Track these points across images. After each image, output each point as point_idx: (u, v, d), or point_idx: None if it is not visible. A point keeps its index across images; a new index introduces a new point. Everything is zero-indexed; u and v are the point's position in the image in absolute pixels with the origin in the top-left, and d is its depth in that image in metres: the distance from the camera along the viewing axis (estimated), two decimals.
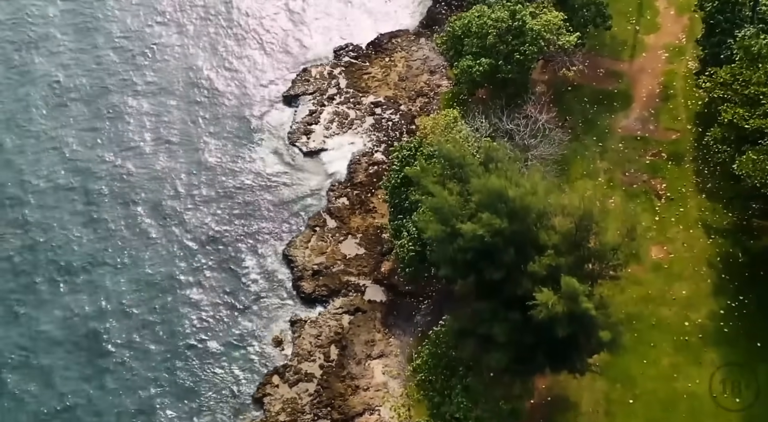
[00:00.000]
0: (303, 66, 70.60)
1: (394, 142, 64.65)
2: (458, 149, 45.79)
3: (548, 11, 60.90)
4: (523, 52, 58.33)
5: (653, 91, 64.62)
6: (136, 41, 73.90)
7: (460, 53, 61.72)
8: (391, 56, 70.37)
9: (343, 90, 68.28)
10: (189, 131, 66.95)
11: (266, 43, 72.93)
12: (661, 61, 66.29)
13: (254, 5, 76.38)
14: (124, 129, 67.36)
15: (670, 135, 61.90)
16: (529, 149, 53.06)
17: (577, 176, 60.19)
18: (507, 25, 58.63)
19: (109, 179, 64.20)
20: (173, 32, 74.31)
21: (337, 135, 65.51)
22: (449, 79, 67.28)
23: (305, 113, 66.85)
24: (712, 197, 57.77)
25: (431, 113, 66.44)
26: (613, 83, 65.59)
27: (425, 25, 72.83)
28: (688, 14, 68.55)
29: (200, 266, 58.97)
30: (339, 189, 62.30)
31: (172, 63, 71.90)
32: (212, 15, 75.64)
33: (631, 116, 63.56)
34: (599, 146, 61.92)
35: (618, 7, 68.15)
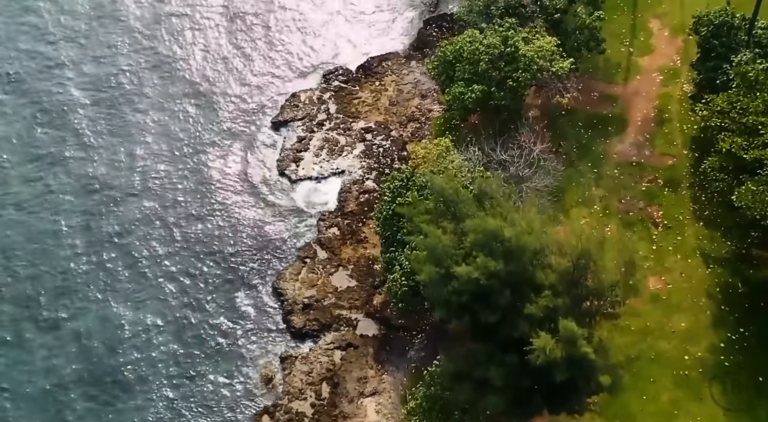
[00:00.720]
0: (292, 91, 69.19)
1: (385, 169, 63.46)
2: (451, 183, 44.53)
3: (541, 36, 59.80)
4: (516, 78, 57.20)
5: (648, 115, 63.52)
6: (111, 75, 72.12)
7: (452, 79, 60.55)
8: (381, 80, 69.13)
9: (333, 115, 66.98)
10: (175, 161, 65.33)
11: (254, 68, 71.43)
12: (656, 84, 65.21)
13: (240, 30, 74.86)
14: (107, 160, 66.16)
15: (666, 161, 60.81)
16: (523, 181, 51.86)
17: (572, 204, 59.03)
18: (499, 51, 57.53)
19: (90, 215, 62.49)
20: (155, 58, 72.52)
21: (327, 162, 64.19)
22: (441, 104, 66.08)
23: (294, 140, 65.53)
24: (710, 224, 56.65)
25: (423, 138, 65.39)
26: (607, 107, 64.50)
27: (416, 47, 71.58)
28: (682, 36, 67.56)
29: (186, 301, 57.41)
30: (329, 219, 60.96)
31: (154, 90, 70.18)
32: (197, 39, 74.13)
33: (626, 140, 62.47)
34: (594, 172, 60.76)
35: (611, 29, 67.07)
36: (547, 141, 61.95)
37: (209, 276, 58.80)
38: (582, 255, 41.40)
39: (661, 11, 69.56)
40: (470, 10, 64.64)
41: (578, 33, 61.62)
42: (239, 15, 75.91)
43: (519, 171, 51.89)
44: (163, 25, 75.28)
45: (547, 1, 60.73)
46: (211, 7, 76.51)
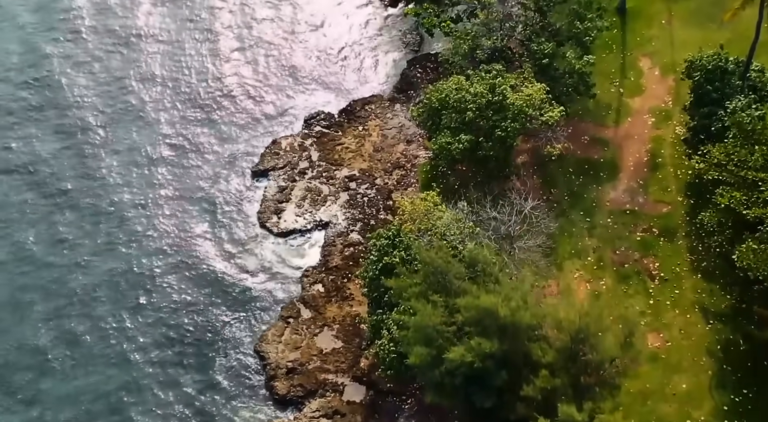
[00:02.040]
0: (272, 137, 66.75)
1: (370, 220, 61.15)
2: (441, 253, 42.26)
3: (529, 83, 57.78)
4: (504, 128, 55.16)
5: (641, 160, 61.58)
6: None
7: (438, 126, 58.49)
8: (364, 125, 66.85)
9: (315, 163, 64.59)
10: (148, 214, 62.48)
11: (233, 114, 68.85)
12: (648, 127, 63.29)
13: (219, 72, 72.23)
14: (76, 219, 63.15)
15: (660, 208, 58.78)
16: (514, 241, 49.67)
17: (565, 256, 56.88)
18: (487, 99, 55.48)
19: (56, 274, 59.42)
20: (125, 106, 69.65)
21: (310, 214, 61.72)
22: (426, 149, 63.81)
23: (275, 190, 62.98)
24: (709, 277, 54.57)
25: (409, 187, 63.18)
26: (598, 152, 62.50)
27: (400, 89, 69.34)
28: (673, 75, 65.75)
29: (162, 365, 54.46)
30: (313, 274, 58.44)
31: (125, 139, 67.38)
32: (169, 85, 71.35)
33: (619, 187, 60.42)
34: (587, 221, 58.62)
35: (600, 68, 65.08)
36: (538, 189, 60.32)
37: (185, 339, 55.82)
38: (580, 330, 39.26)
39: (651, 49, 67.79)
40: (455, 53, 62.67)
41: (567, 77, 59.72)
42: (216, 58, 73.34)
43: (510, 230, 49.68)
44: (133, 72, 72.35)
45: (535, 46, 58.76)
46: (184, 52, 73.71)
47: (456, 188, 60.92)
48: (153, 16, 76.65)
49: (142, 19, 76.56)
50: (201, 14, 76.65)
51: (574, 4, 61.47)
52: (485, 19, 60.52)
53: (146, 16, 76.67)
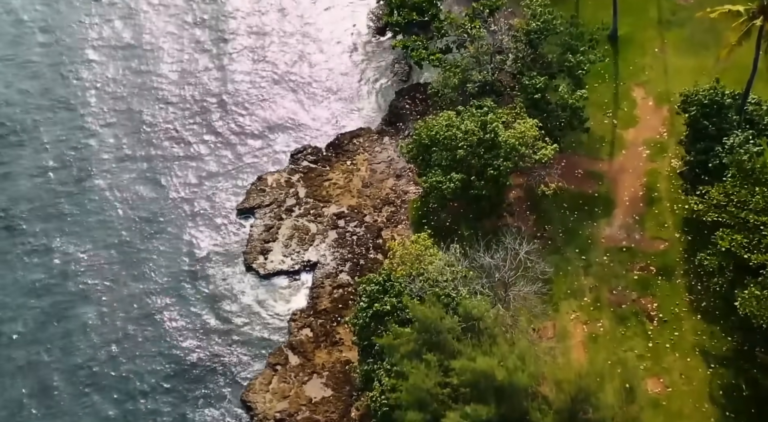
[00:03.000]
0: (258, 173, 64.82)
1: (360, 259, 59.29)
2: (434, 309, 40.52)
3: (521, 118, 56.23)
4: (497, 167, 53.57)
5: (636, 194, 60.07)
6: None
7: (428, 163, 56.87)
8: (353, 159, 65.09)
9: (303, 200, 62.74)
10: (129, 255, 60.34)
11: (216, 149, 66.87)
12: (643, 160, 61.85)
13: (200, 106, 70.05)
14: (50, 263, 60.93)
15: (657, 245, 57.27)
16: (509, 287, 47.97)
17: (561, 296, 55.27)
18: (478, 137, 53.91)
19: (33, 322, 57.43)
20: (104, 142, 67.71)
21: (297, 254, 59.77)
22: (417, 184, 62.10)
23: (262, 229, 61.05)
24: (709, 318, 53.03)
25: (399, 224, 61.43)
26: (592, 186, 60.96)
27: (388, 121, 67.57)
28: (667, 105, 64.42)
29: (143, 418, 52.26)
30: (301, 318, 56.52)
31: (108, 175, 65.38)
32: (151, 116, 69.37)
33: (615, 223, 58.89)
34: (582, 259, 57.06)
35: (593, 98, 63.59)
36: (531, 226, 58.77)
37: (167, 389, 53.68)
38: (580, 390, 37.60)
39: (645, 79, 66.43)
40: (445, 85, 61.15)
41: (560, 111, 58.23)
42: (197, 91, 71.22)
43: (505, 276, 47.97)
44: (113, 109, 70.09)
45: (527, 80, 57.24)
46: (164, 85, 71.64)
47: (448, 225, 59.53)
48: (131, 53, 74.91)
49: (118, 54, 74.77)
50: (182, 47, 74.63)
51: (565, 36, 60.17)
52: (475, 52, 58.95)
53: (123, 54, 74.99)
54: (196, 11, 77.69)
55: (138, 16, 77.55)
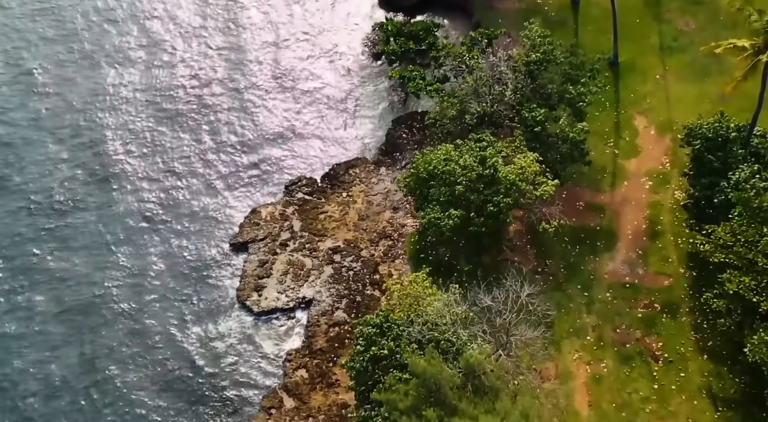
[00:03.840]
0: (252, 206, 63.30)
1: (356, 296, 57.80)
2: (434, 362, 38.97)
3: (521, 152, 54.77)
4: (496, 203, 52.12)
5: (639, 228, 58.66)
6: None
7: (426, 197, 55.43)
8: (348, 191, 63.61)
9: (298, 234, 61.24)
10: (117, 294, 58.74)
11: (208, 181, 65.23)
12: (645, 191, 60.44)
13: (192, 136, 68.32)
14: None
15: (661, 281, 55.83)
16: (510, 332, 46.44)
17: (563, 335, 53.85)
18: (477, 173, 52.49)
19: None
20: (95, 174, 66.10)
21: (292, 290, 58.26)
22: (414, 217, 60.69)
23: (255, 264, 59.47)
24: (716, 358, 51.57)
25: (397, 258, 59.94)
26: (594, 219, 59.56)
27: (385, 151, 66.07)
28: (669, 134, 63.07)
29: None
30: (296, 358, 54.95)
31: (95, 207, 63.83)
32: (141, 146, 67.68)
33: (617, 258, 57.48)
34: (585, 296, 55.64)
35: (593, 127, 62.19)
36: (532, 261, 57.37)
37: None
38: None
39: (646, 107, 65.07)
40: (443, 116, 59.73)
41: (561, 144, 56.79)
42: (188, 120, 69.42)
43: (506, 321, 46.44)
44: (103, 140, 68.34)
45: (526, 113, 55.83)
46: (158, 116, 69.84)
47: (446, 259, 58.06)
48: (122, 84, 73.17)
49: (110, 89, 72.73)
50: (172, 75, 72.79)
51: (565, 66, 58.81)
52: (473, 83, 57.55)
53: (114, 81, 73.54)
54: (185, 40, 76.16)
55: (119, 54, 75.03)
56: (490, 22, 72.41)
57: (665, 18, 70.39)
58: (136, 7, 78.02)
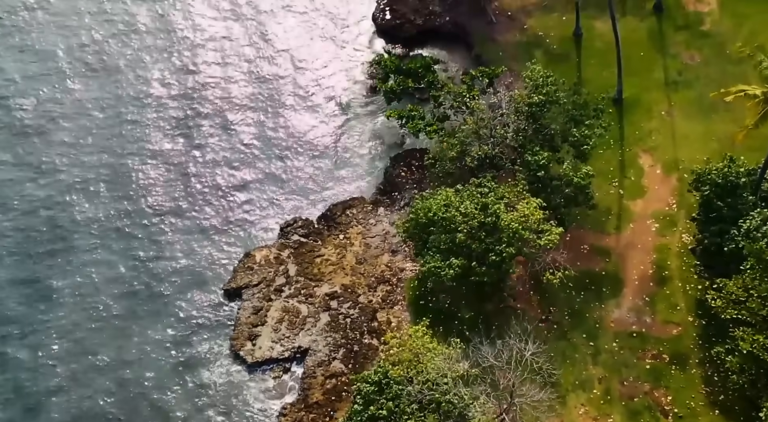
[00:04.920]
0: (246, 249, 61.29)
1: (354, 345, 55.85)
2: None
3: (524, 197, 52.92)
4: (499, 252, 50.30)
5: (645, 273, 56.79)
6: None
7: (425, 243, 53.61)
8: (345, 232, 61.67)
9: (293, 279, 59.26)
10: (105, 341, 56.77)
11: (201, 222, 63.12)
12: (651, 234, 58.58)
13: (185, 175, 66.09)
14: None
15: (670, 330, 53.93)
16: (515, 393, 44.52)
17: (569, 387, 51.94)
18: (479, 220, 50.67)
19: None
20: (100, 215, 63.81)
21: (288, 339, 56.25)
22: (413, 261, 58.79)
23: (250, 312, 57.48)
24: (728, 413, 49.65)
25: (395, 304, 58.03)
26: (599, 263, 57.67)
27: (383, 190, 64.06)
28: (676, 174, 61.21)
29: None
30: (292, 412, 52.89)
31: (92, 255, 61.64)
32: (135, 187, 65.54)
33: (624, 304, 55.60)
34: (590, 345, 53.74)
35: (598, 166, 60.34)
36: (535, 308, 55.53)
37: None
38: None
39: (652, 144, 63.20)
40: (443, 157, 57.95)
41: (564, 187, 54.96)
42: (180, 159, 67.14)
43: (509, 383, 44.54)
44: (90, 180, 66.03)
45: (529, 156, 54.05)
46: (146, 154, 67.52)
47: (447, 306, 56.24)
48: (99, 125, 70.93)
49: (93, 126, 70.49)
50: (159, 111, 70.22)
51: (569, 105, 57.08)
52: (474, 125, 55.79)
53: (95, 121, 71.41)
54: (173, 77, 73.52)
55: (108, 87, 72.62)
56: (490, 55, 70.88)
57: (670, 51, 68.71)
58: (106, 50, 76.07)
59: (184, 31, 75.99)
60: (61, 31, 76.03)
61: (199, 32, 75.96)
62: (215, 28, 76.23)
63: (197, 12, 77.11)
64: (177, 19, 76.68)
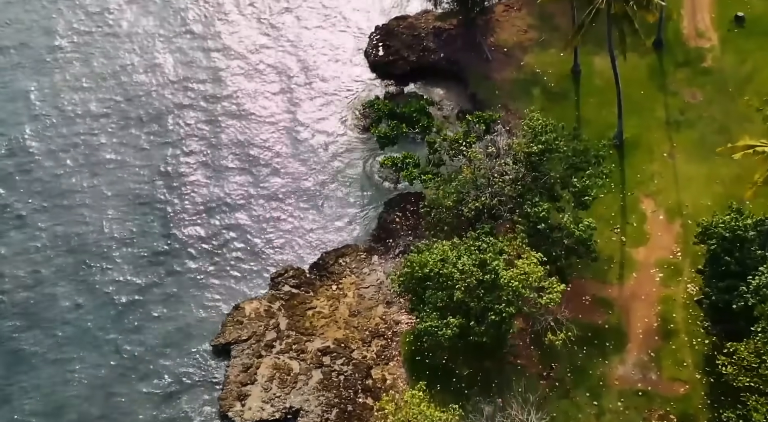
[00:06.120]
0: (235, 301, 58.87)
1: (347, 405, 53.53)
2: None
3: (523, 251, 50.86)
4: (498, 311, 48.21)
5: (650, 326, 54.64)
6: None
7: (422, 298, 51.48)
8: (338, 282, 59.44)
9: (284, 333, 56.91)
10: (91, 402, 54.31)
11: (190, 274, 60.65)
12: (655, 284, 56.48)
13: (171, 222, 63.74)
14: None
15: (677, 388, 51.71)
16: None
17: None
18: (477, 278, 48.58)
19: None
20: (80, 268, 61.33)
21: (278, 398, 53.72)
22: (409, 314, 56.56)
23: (239, 369, 55.03)
24: None
25: (391, 360, 55.76)
26: (602, 315, 55.52)
27: (377, 237, 61.76)
28: (679, 219, 59.23)
29: None
30: None
31: (71, 309, 59.22)
32: (122, 237, 63.02)
33: (628, 360, 53.43)
34: (594, 405, 51.49)
35: (599, 211, 58.45)
36: (536, 364, 53.36)
37: None
38: None
39: (654, 188, 61.25)
40: (439, 205, 55.82)
41: (565, 238, 52.94)
42: (168, 206, 64.79)
43: None
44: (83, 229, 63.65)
45: (528, 208, 52.02)
46: (130, 203, 65.15)
47: (444, 362, 54.04)
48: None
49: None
50: (143, 168, 67.63)
51: (569, 152, 55.08)
52: (471, 175, 53.74)
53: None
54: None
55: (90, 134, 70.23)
56: (486, 94, 69.07)
57: (671, 89, 66.92)
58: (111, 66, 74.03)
59: (160, 86, 73.28)
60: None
61: (182, 69, 74.16)
62: (199, 68, 74.20)
63: (168, 69, 74.42)
64: (147, 80, 73.64)
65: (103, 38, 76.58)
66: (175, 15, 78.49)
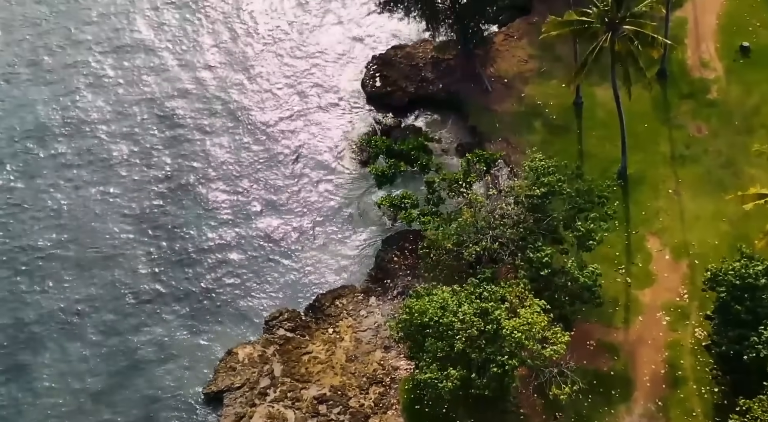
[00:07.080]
0: (228, 346, 56.94)
1: None
2: None
3: (525, 298, 49.07)
4: (500, 363, 46.40)
5: (657, 373, 52.82)
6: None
7: (421, 346, 49.64)
8: (335, 326, 57.55)
9: (279, 380, 54.99)
10: None
11: (180, 318, 58.71)
12: (662, 328, 54.64)
13: (163, 259, 62.07)
14: None
15: None
16: None
17: None
18: (478, 328, 46.80)
19: None
20: (73, 308, 59.66)
21: None
22: (408, 359, 54.72)
23: (232, 419, 52.85)
24: None
25: (389, 409, 53.88)
26: (607, 361, 53.66)
27: (375, 278, 59.85)
28: (686, 260, 57.44)
29: None
30: None
31: (62, 355, 57.42)
32: (111, 273, 61.37)
33: (635, 410, 51.55)
34: None
35: (602, 251, 56.55)
36: (540, 414, 51.51)
37: None
38: None
39: (659, 227, 59.47)
40: (438, 247, 54.04)
41: (569, 284, 51.20)
42: (154, 243, 63.14)
43: None
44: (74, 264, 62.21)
45: (531, 253, 50.30)
46: (132, 234, 63.81)
47: (444, 411, 52.10)
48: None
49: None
50: (135, 197, 66.29)
51: (572, 192, 53.40)
52: (472, 218, 52.00)
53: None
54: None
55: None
56: (486, 127, 67.44)
57: (675, 122, 65.28)
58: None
59: (157, 112, 72.26)
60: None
61: (172, 102, 72.73)
62: (186, 104, 72.68)
63: (162, 95, 73.32)
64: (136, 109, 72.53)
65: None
66: (180, 42, 77.62)
